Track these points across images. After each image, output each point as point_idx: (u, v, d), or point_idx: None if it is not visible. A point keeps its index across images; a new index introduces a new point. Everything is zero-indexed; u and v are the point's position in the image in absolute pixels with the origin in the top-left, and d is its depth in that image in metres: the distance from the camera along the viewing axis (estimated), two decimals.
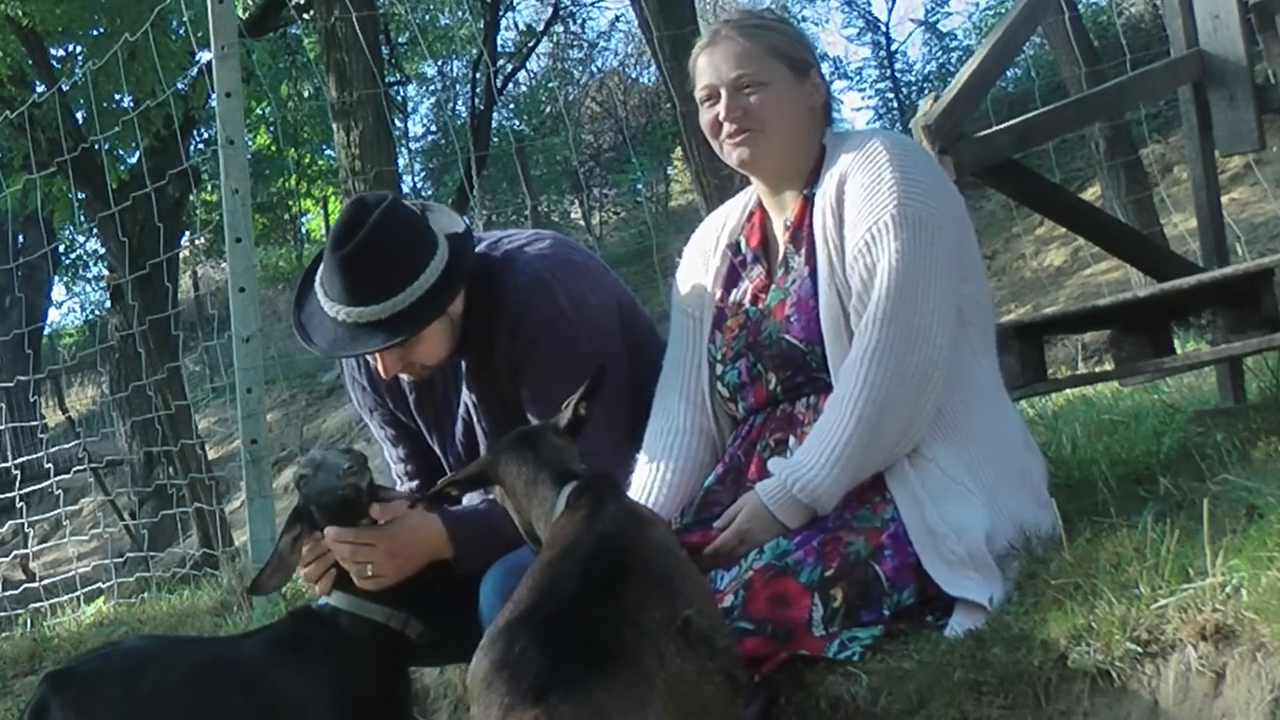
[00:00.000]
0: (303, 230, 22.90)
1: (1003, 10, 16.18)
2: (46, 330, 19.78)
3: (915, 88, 20.90)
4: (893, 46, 21.98)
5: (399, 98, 19.90)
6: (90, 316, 21.70)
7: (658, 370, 2.81)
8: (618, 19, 25.40)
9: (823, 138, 2.70)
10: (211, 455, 14.82)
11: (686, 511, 2.64)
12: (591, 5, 22.86)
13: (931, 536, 2.41)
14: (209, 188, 14.67)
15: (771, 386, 2.63)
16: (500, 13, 17.37)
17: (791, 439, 2.58)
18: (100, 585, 6.68)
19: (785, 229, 2.69)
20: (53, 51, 12.79)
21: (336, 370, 3.35)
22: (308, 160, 18.15)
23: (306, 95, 16.87)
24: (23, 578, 9.69)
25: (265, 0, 13.15)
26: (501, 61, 18.96)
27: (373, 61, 9.53)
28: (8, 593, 7.35)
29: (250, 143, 13.73)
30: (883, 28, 21.91)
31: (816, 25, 22.93)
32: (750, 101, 2.64)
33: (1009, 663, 2.20)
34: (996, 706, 2.19)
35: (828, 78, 2.98)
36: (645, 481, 2.68)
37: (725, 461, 2.66)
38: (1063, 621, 2.19)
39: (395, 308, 2.66)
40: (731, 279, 2.76)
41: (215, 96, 4.98)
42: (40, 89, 12.03)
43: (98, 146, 9.51)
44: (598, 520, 2.15)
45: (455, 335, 2.80)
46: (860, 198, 2.52)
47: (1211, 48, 3.66)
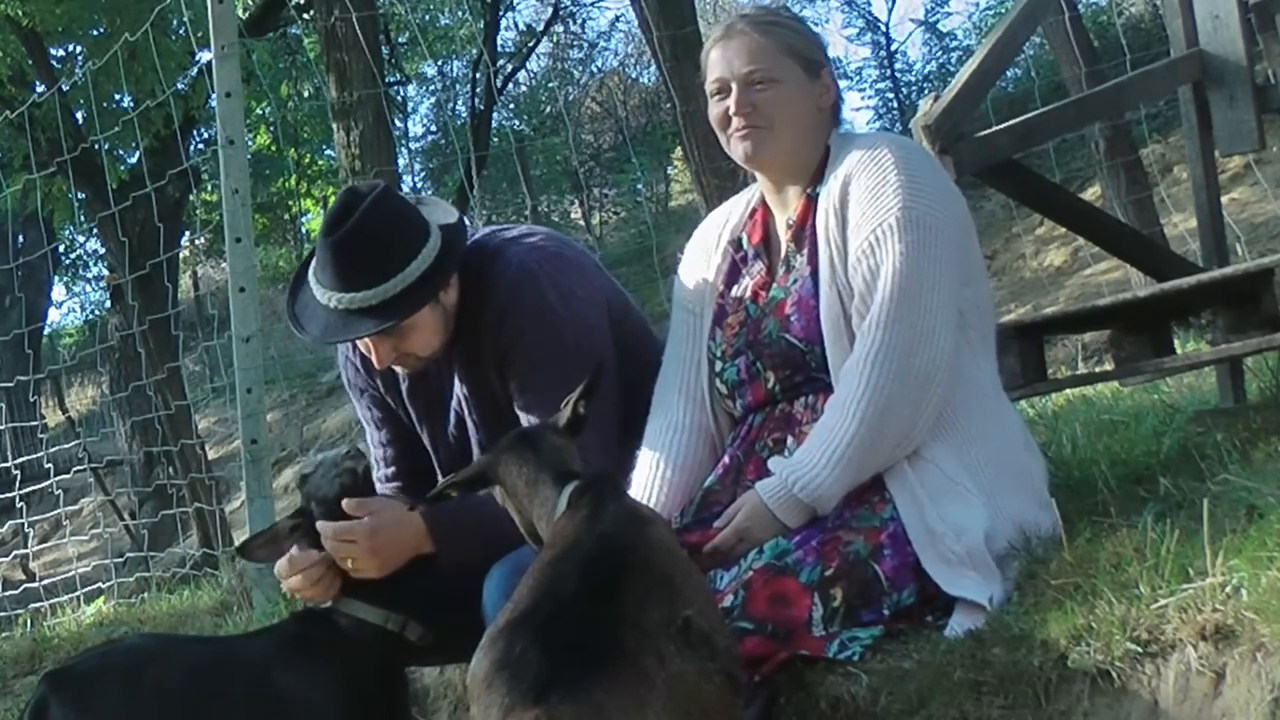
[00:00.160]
0: (303, 230, 22.87)
1: (1003, 10, 16.18)
2: (46, 330, 19.76)
3: (915, 88, 20.90)
4: (893, 46, 22.00)
5: (399, 98, 19.92)
6: (90, 316, 21.70)
7: (651, 371, 2.81)
8: (618, 19, 25.43)
9: (829, 138, 2.70)
10: (211, 455, 14.81)
11: (686, 511, 2.64)
12: (591, 5, 22.85)
13: (931, 536, 2.41)
14: (209, 188, 14.66)
15: (770, 385, 2.63)
16: (500, 13, 17.37)
17: (790, 439, 2.58)
18: (100, 585, 6.68)
19: (788, 227, 2.70)
20: (53, 51, 12.78)
21: (336, 370, 3.33)
22: (308, 160, 18.15)
23: (306, 95, 16.87)
24: (23, 578, 9.69)
25: (265, 0, 13.15)
26: (501, 61, 18.97)
27: (373, 61, 9.53)
28: (8, 593, 7.35)
29: (250, 143, 13.71)
30: (883, 28, 21.92)
31: (816, 25, 22.77)
32: (761, 97, 2.64)
33: (1009, 663, 2.20)
34: (996, 706, 2.19)
35: None
36: (645, 480, 2.69)
37: (725, 461, 2.67)
38: (1063, 621, 2.19)
39: (386, 293, 2.67)
40: (733, 275, 2.76)
41: (215, 96, 4.98)
42: (40, 89, 12.01)
43: (98, 146, 9.50)
44: (598, 520, 2.14)
45: (449, 327, 2.80)
46: (865, 199, 2.53)
47: (1211, 48, 3.66)
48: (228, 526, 8.06)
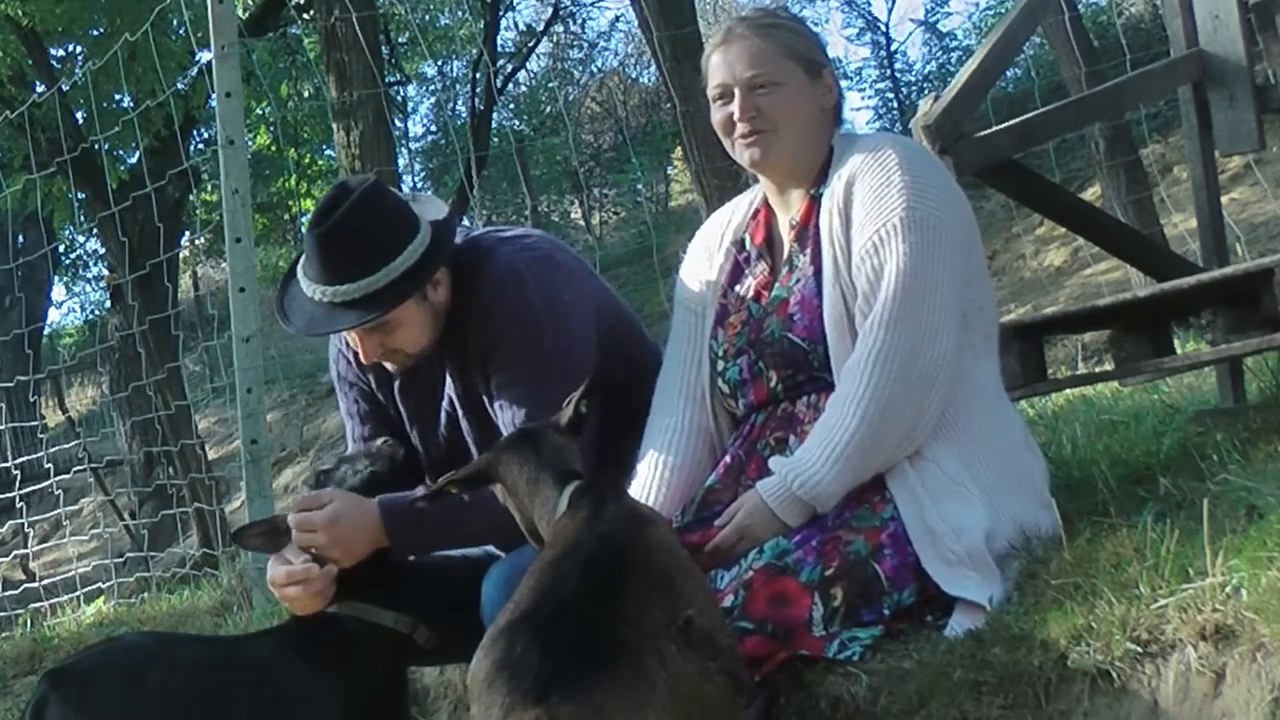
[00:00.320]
0: (303, 230, 22.87)
1: (1003, 10, 16.18)
2: (46, 330, 19.76)
3: (915, 88, 20.91)
4: (893, 46, 22.01)
5: (399, 98, 19.91)
6: (90, 316, 21.68)
7: (645, 375, 2.81)
8: (618, 19, 25.44)
9: (831, 138, 2.70)
10: (211, 455, 14.82)
11: (687, 510, 2.64)
12: (591, 5, 22.86)
13: (931, 536, 2.41)
14: (209, 188, 14.67)
15: (773, 384, 2.63)
16: (500, 13, 17.37)
17: (792, 438, 2.58)
18: (100, 585, 6.68)
19: (791, 227, 2.70)
20: (53, 51, 12.79)
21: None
22: (308, 160, 18.13)
23: (306, 95, 16.86)
24: (23, 578, 9.69)
25: (265, 0, 13.15)
26: (501, 61, 18.95)
27: (373, 61, 9.53)
28: (8, 593, 7.35)
29: (250, 143, 13.71)
30: (883, 28, 21.95)
31: (816, 25, 22.85)
32: (764, 102, 2.64)
33: (1009, 663, 2.20)
34: (996, 706, 2.19)
35: None
36: (645, 480, 2.69)
37: (726, 461, 2.67)
38: (1063, 621, 2.19)
39: (370, 287, 2.66)
40: (735, 275, 2.77)
41: (215, 96, 4.98)
42: (40, 89, 12.03)
43: (98, 146, 9.51)
44: (599, 520, 2.15)
45: (438, 325, 2.79)
46: (869, 200, 2.53)
47: (1211, 48, 3.66)
48: (228, 526, 8.02)
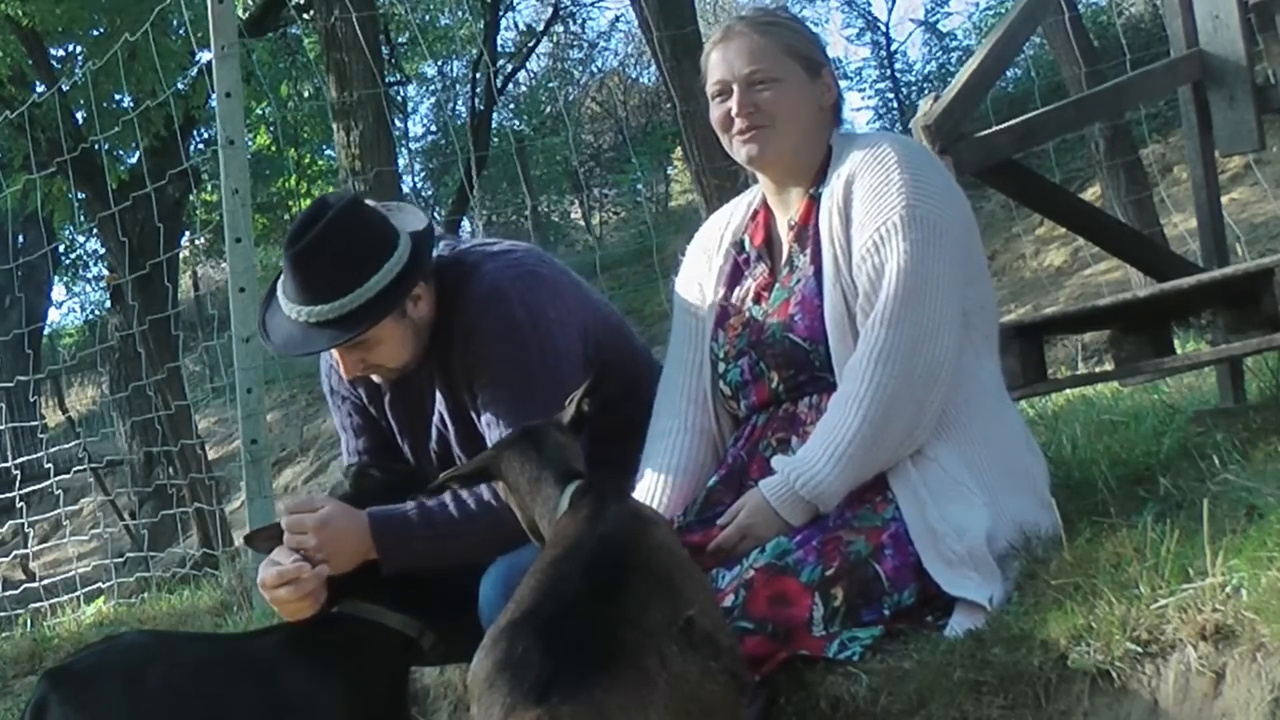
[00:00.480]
0: None
1: (1003, 10, 16.19)
2: (46, 330, 19.76)
3: (915, 88, 20.92)
4: (893, 46, 22.03)
5: (399, 98, 19.92)
6: (90, 316, 21.67)
7: (639, 387, 2.81)
8: (618, 19, 25.47)
9: (830, 138, 2.70)
10: (211, 455, 14.82)
11: (689, 511, 2.64)
12: (591, 5, 22.88)
13: (932, 536, 2.41)
14: (209, 188, 14.66)
15: (774, 385, 2.63)
16: (500, 13, 17.37)
17: (794, 439, 2.58)
18: (100, 585, 6.68)
19: (790, 228, 2.70)
20: (53, 51, 12.79)
21: None
22: (308, 160, 18.13)
23: (306, 95, 16.86)
24: (23, 578, 9.70)
25: (265, 0, 13.15)
26: (501, 61, 18.96)
27: (373, 61, 9.53)
28: (8, 593, 7.35)
29: (250, 143, 13.72)
30: (883, 28, 21.97)
31: (816, 25, 22.91)
32: (762, 98, 2.64)
33: (1009, 663, 2.20)
34: (996, 706, 2.19)
35: None
36: (647, 482, 2.68)
37: (728, 462, 2.66)
38: (1063, 621, 2.19)
39: (345, 308, 2.64)
40: (735, 277, 2.76)
41: (215, 96, 4.98)
42: (40, 89, 12.03)
43: (98, 146, 9.50)
44: (600, 520, 2.15)
45: (421, 339, 2.77)
46: (868, 198, 2.53)
47: (1211, 48, 3.66)
48: (228, 526, 8.06)
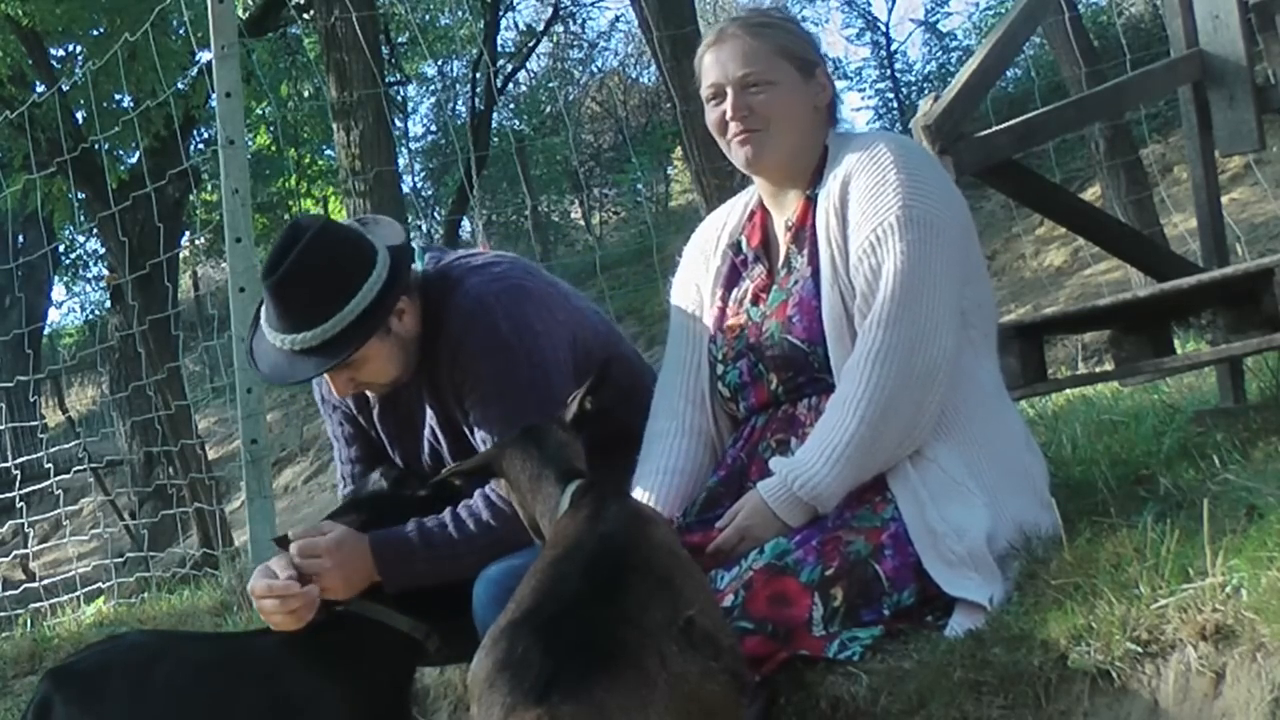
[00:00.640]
0: None
1: (1003, 10, 16.19)
2: (46, 330, 19.77)
3: (915, 88, 20.92)
4: (893, 46, 22.02)
5: (399, 98, 19.92)
6: (90, 316, 21.68)
7: (634, 396, 2.80)
8: (618, 19, 25.46)
9: (826, 138, 2.70)
10: (211, 455, 14.83)
11: (688, 511, 2.64)
12: (591, 5, 22.88)
13: (932, 536, 2.41)
14: (209, 188, 14.67)
15: (773, 387, 2.63)
16: (500, 13, 17.38)
17: (793, 440, 2.57)
18: (100, 585, 6.68)
19: (787, 229, 2.69)
20: (53, 51, 12.80)
21: None
22: (308, 160, 18.14)
23: (306, 95, 16.87)
24: (23, 578, 9.69)
25: (265, 0, 13.15)
26: (501, 61, 18.98)
27: (373, 61, 9.54)
28: (8, 593, 7.35)
29: (250, 143, 13.72)
30: (883, 28, 21.96)
31: (816, 25, 22.91)
32: (756, 101, 2.63)
33: (1009, 663, 2.20)
34: (996, 706, 2.19)
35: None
36: (646, 483, 2.68)
37: (727, 463, 2.66)
38: (1063, 621, 2.19)
39: (327, 334, 2.63)
40: (732, 279, 2.76)
41: (215, 96, 4.98)
42: (40, 89, 12.03)
43: (98, 146, 9.50)
44: (600, 520, 2.15)
45: (408, 355, 2.76)
46: (865, 199, 2.53)
47: (1211, 48, 3.66)
48: (228, 526, 8.06)
